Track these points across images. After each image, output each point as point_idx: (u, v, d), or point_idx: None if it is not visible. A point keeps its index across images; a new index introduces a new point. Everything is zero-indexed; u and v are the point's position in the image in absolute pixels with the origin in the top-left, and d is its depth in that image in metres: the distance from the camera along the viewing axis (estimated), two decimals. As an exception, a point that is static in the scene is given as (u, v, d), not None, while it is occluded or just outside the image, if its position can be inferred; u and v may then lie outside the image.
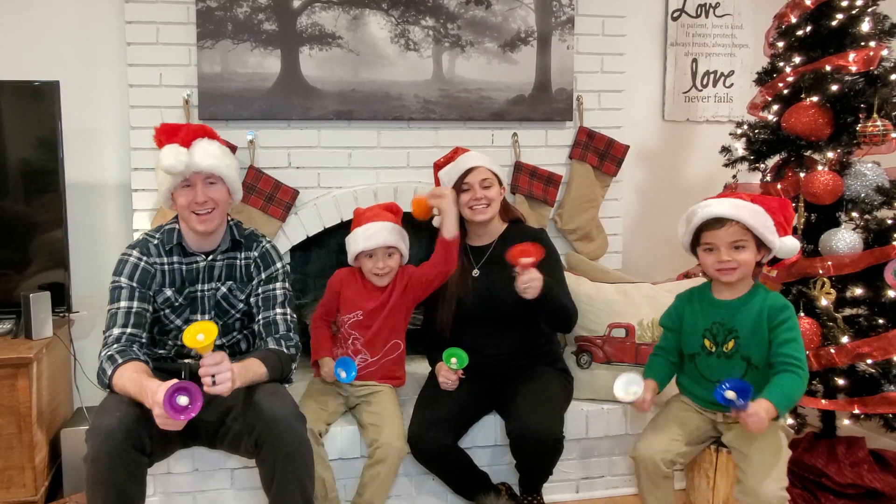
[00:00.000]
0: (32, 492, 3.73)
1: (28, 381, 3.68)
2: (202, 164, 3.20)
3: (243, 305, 3.42)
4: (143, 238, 3.37)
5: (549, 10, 4.56)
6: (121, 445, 2.85)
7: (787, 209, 3.26)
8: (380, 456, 3.49)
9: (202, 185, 3.23)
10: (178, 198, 3.25)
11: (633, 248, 5.25)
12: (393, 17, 4.38)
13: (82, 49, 4.41)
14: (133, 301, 3.23)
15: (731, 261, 3.14)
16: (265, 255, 3.42)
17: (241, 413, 3.14)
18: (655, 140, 5.32)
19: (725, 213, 3.15)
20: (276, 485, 3.06)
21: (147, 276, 3.28)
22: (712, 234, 3.17)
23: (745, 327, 3.17)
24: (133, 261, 3.28)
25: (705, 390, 3.27)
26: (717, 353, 3.24)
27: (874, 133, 3.78)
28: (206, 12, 4.17)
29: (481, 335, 3.79)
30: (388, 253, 3.73)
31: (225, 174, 3.28)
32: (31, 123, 4.04)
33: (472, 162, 3.76)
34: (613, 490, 4.14)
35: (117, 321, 3.19)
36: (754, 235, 3.14)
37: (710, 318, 3.28)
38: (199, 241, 3.35)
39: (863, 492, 3.79)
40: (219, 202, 3.27)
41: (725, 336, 3.22)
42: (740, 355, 3.18)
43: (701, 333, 3.29)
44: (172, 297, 3.32)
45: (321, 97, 4.34)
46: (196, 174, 3.22)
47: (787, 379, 3.05)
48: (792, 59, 4.13)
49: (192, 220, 3.25)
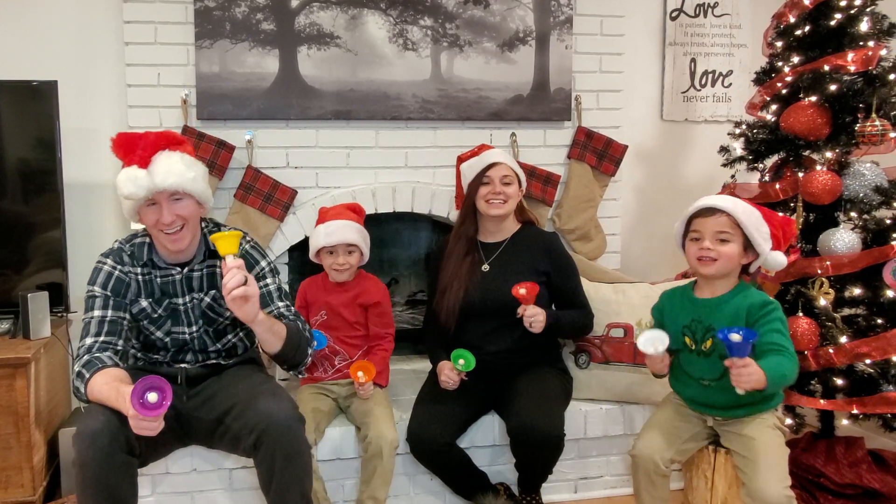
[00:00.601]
0: (30, 492, 3.73)
1: (26, 381, 3.68)
2: (164, 184, 2.99)
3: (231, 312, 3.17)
4: (118, 247, 3.25)
5: (547, 10, 4.56)
6: (107, 448, 2.82)
7: (790, 227, 3.27)
8: (373, 450, 3.51)
9: (167, 204, 3.04)
10: (145, 217, 3.09)
11: (631, 248, 5.25)
12: (391, 17, 4.38)
13: (80, 49, 4.40)
14: (107, 310, 3.13)
15: (711, 250, 3.13)
16: (246, 256, 3.23)
17: (241, 413, 3.11)
18: (654, 140, 5.32)
19: (718, 203, 3.17)
20: (276, 486, 3.04)
21: (121, 285, 3.18)
22: (701, 222, 3.18)
23: (721, 325, 3.12)
24: (107, 269, 3.18)
25: (689, 388, 3.30)
26: (697, 351, 3.24)
27: (873, 133, 3.78)
28: (205, 12, 4.17)
29: (484, 332, 3.79)
30: (349, 250, 3.82)
31: (191, 189, 3.07)
32: (29, 123, 4.04)
33: (496, 158, 3.80)
34: (611, 490, 4.14)
35: (90, 331, 3.09)
36: (743, 233, 3.14)
37: (688, 315, 3.28)
38: (172, 255, 3.21)
39: (861, 492, 3.79)
40: (188, 217, 3.09)
41: (704, 334, 3.22)
42: (718, 354, 3.15)
43: (681, 331, 3.29)
44: (149, 308, 3.22)
45: (319, 97, 4.34)
46: (159, 193, 3.01)
47: (776, 357, 3.00)
48: (790, 59, 4.13)
49: (161, 238, 3.10)
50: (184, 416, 3.23)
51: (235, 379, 3.31)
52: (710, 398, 3.24)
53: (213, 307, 3.29)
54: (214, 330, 3.34)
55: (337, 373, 3.86)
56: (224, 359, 3.39)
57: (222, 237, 2.87)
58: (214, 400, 3.23)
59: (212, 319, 3.31)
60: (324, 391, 3.85)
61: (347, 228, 3.80)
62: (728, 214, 3.13)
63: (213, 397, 3.25)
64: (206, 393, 3.29)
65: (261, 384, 3.25)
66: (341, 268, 3.81)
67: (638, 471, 3.30)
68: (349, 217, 3.87)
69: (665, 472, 3.24)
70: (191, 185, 3.06)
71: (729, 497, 3.29)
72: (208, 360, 3.36)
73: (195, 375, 3.33)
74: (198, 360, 3.34)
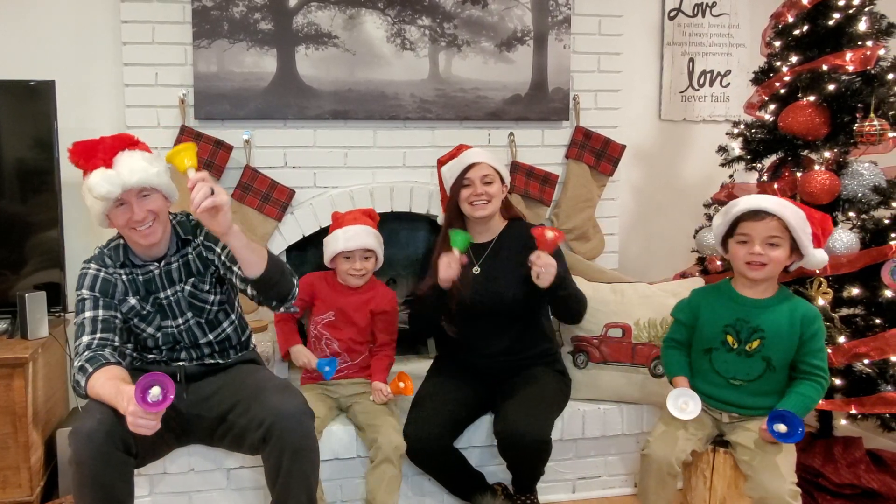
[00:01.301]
0: (28, 492, 3.72)
1: (24, 381, 3.67)
2: (131, 181, 3.03)
3: (214, 295, 3.34)
4: (98, 252, 3.30)
5: (545, 10, 4.55)
6: (103, 447, 2.82)
7: (827, 224, 3.28)
8: (382, 456, 3.51)
9: (137, 201, 3.09)
10: (116, 219, 3.13)
11: (629, 248, 5.24)
12: (389, 17, 4.37)
13: (78, 48, 4.39)
14: (98, 310, 3.15)
15: (763, 255, 3.15)
16: (209, 234, 3.28)
17: (248, 408, 3.12)
18: (652, 140, 5.32)
19: (768, 206, 3.16)
20: (282, 480, 3.04)
21: (108, 286, 3.21)
22: (750, 226, 3.18)
23: (773, 329, 3.18)
24: (93, 272, 3.22)
25: (715, 387, 3.30)
26: (738, 351, 3.24)
27: (871, 132, 3.78)
28: (202, 11, 4.16)
29: (479, 333, 3.78)
30: (365, 256, 3.84)
31: (156, 183, 3.13)
32: (27, 123, 4.03)
33: (475, 158, 3.76)
34: (609, 490, 4.13)
35: (85, 329, 3.11)
36: (790, 237, 3.14)
37: (733, 313, 3.28)
38: (147, 251, 3.24)
39: (860, 492, 3.79)
40: (158, 211, 3.14)
41: (750, 334, 3.22)
42: (762, 355, 3.19)
43: (722, 328, 3.29)
44: (138, 306, 3.25)
45: (317, 97, 4.34)
46: (127, 192, 3.06)
47: (809, 389, 3.13)
48: (789, 59, 4.13)
49: (135, 235, 3.14)
50: (183, 415, 3.23)
51: (239, 376, 3.32)
52: (736, 398, 3.26)
53: (195, 294, 3.31)
54: (206, 320, 3.34)
55: (337, 373, 3.85)
56: (220, 356, 3.40)
57: (176, 152, 2.81)
58: (216, 397, 3.24)
59: (199, 308, 3.32)
60: (325, 392, 3.85)
61: (366, 234, 3.83)
62: (778, 218, 3.13)
63: (215, 395, 3.25)
64: (206, 391, 3.29)
65: (268, 380, 3.27)
66: (358, 273, 3.83)
67: (649, 470, 3.29)
68: (366, 222, 3.89)
69: (676, 473, 3.24)
70: (156, 179, 3.12)
71: (728, 497, 3.29)
72: (203, 357, 3.37)
73: (193, 373, 3.34)
74: (192, 357, 3.35)
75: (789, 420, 3.00)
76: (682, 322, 3.47)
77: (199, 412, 3.24)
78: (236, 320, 3.46)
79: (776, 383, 3.20)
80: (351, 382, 3.86)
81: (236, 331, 3.46)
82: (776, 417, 3.03)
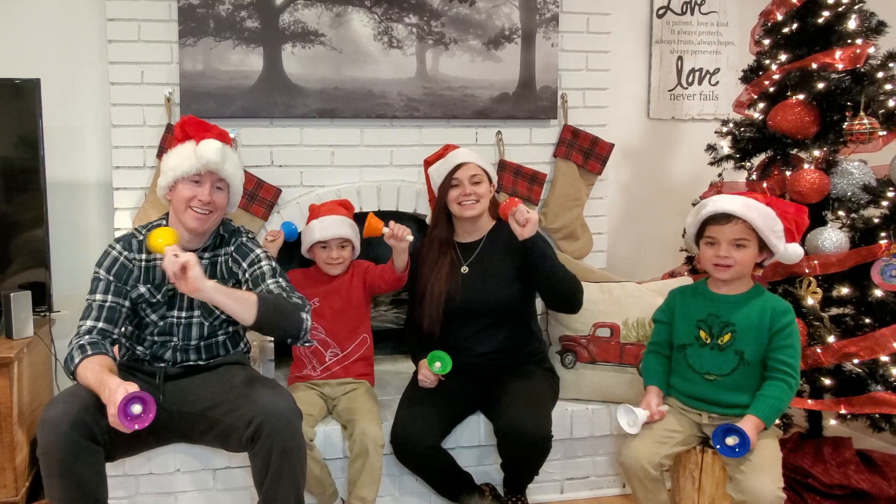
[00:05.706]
0: (13, 493, 3.71)
1: (8, 381, 3.66)
2: (223, 164, 3.26)
3: None
4: (130, 233, 3.40)
5: (533, 8, 4.53)
6: (69, 435, 2.84)
7: (801, 216, 3.28)
8: (359, 449, 3.50)
9: (211, 186, 3.26)
10: (182, 190, 3.25)
11: (617, 247, 5.24)
12: (376, 15, 4.35)
13: (63, 47, 4.37)
14: (108, 295, 3.23)
15: (728, 257, 3.18)
16: (241, 247, 3.39)
17: (235, 405, 3.11)
18: (640, 138, 5.31)
19: (734, 210, 3.18)
20: (270, 480, 3.03)
21: (124, 272, 3.28)
22: (716, 229, 3.21)
23: (743, 322, 3.21)
24: (114, 255, 3.29)
25: (691, 384, 3.32)
26: (711, 345, 3.26)
27: (861, 131, 3.78)
28: (188, 9, 4.14)
29: (468, 333, 3.78)
30: (342, 245, 3.92)
31: (234, 183, 3.37)
32: (12, 121, 4.01)
33: (462, 158, 3.77)
34: (598, 490, 4.13)
35: (91, 314, 3.21)
36: (758, 236, 3.16)
37: (705, 309, 3.31)
38: (185, 240, 3.29)
39: (849, 492, 3.78)
40: (219, 207, 3.31)
41: (721, 328, 3.25)
42: (734, 349, 3.21)
43: (694, 324, 3.32)
44: (147, 294, 3.29)
45: (304, 95, 4.32)
46: (210, 174, 3.25)
47: (777, 389, 3.12)
48: (778, 57, 4.13)
49: (188, 216, 3.25)
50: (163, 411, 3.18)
51: (226, 375, 3.32)
52: (713, 394, 3.26)
53: None
54: (209, 325, 3.37)
55: (325, 371, 3.87)
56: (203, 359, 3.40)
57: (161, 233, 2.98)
58: (198, 393, 3.23)
59: (210, 310, 3.35)
60: (314, 389, 3.84)
61: (341, 223, 3.90)
62: (744, 221, 3.15)
63: (196, 391, 3.25)
64: (186, 386, 3.29)
65: (256, 378, 3.28)
66: (335, 262, 3.90)
67: (629, 477, 3.31)
68: (341, 213, 3.97)
69: (656, 477, 3.24)
70: (236, 180, 3.39)
71: (716, 497, 3.29)
72: (188, 360, 3.36)
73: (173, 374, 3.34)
74: (176, 360, 3.35)
75: (737, 431, 3.02)
76: (661, 322, 3.51)
77: (178, 408, 3.23)
78: (235, 334, 3.50)
79: (751, 378, 3.21)
80: (339, 382, 3.86)
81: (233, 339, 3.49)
82: (725, 432, 3.05)
